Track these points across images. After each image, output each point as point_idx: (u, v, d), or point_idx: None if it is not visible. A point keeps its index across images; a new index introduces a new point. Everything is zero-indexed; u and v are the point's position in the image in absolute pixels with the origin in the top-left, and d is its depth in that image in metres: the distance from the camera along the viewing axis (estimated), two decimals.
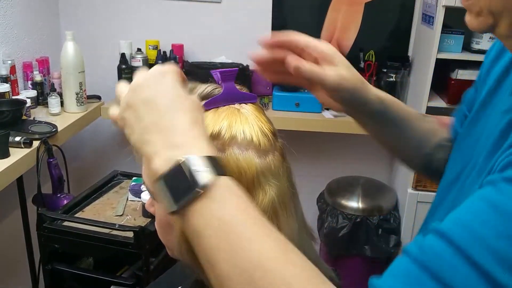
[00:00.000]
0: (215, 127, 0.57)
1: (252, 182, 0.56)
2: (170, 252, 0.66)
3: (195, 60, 2.17)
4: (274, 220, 0.57)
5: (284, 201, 0.59)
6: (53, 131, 1.65)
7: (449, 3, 1.68)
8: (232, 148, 0.56)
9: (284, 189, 0.59)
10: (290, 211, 0.60)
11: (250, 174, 0.56)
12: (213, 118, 0.58)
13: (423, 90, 1.84)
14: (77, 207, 1.57)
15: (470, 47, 1.85)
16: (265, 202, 0.57)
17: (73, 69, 1.85)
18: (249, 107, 0.61)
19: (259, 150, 0.57)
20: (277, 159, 0.59)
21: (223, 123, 0.57)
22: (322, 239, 2.09)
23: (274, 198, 0.57)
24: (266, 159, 0.58)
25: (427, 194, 1.95)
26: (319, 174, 2.31)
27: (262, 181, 0.57)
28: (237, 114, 0.59)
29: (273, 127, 0.61)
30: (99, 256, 1.52)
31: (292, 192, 0.62)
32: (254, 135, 0.57)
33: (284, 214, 0.59)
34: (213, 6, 2.13)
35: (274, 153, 0.59)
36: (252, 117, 0.59)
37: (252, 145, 0.57)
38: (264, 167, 0.57)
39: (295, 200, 0.63)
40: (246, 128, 0.58)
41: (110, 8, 2.15)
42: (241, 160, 0.56)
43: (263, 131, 0.59)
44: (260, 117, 0.60)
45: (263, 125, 0.59)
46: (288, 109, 2.04)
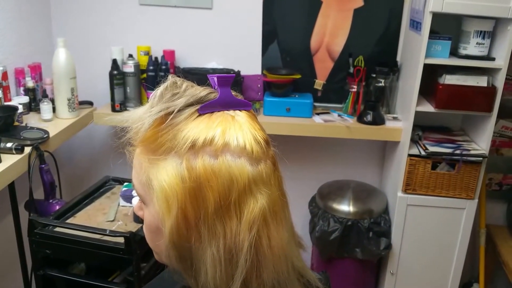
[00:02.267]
0: (208, 133, 0.57)
1: (243, 189, 0.57)
2: (157, 257, 0.67)
3: (186, 65, 2.19)
4: (264, 229, 0.58)
5: (274, 209, 0.59)
6: (44, 137, 1.66)
7: (436, 9, 1.71)
8: (225, 155, 0.57)
9: (275, 198, 0.60)
10: (280, 220, 0.60)
11: (241, 181, 0.56)
12: (207, 124, 0.58)
13: (411, 95, 1.87)
14: (69, 213, 1.58)
15: (458, 53, 1.87)
16: (256, 210, 0.57)
17: (64, 75, 1.86)
18: (244, 114, 0.61)
19: (252, 158, 0.58)
20: (269, 168, 0.60)
21: (217, 130, 0.57)
22: (314, 242, 2.10)
23: (265, 206, 0.58)
24: (258, 167, 0.58)
25: (417, 197, 1.97)
26: (310, 178, 2.33)
27: (254, 189, 0.57)
28: (231, 121, 0.59)
29: (266, 135, 0.62)
30: (90, 261, 1.52)
31: (283, 201, 0.62)
32: (247, 142, 0.58)
33: (275, 223, 0.59)
34: (204, 12, 2.15)
35: (266, 162, 0.60)
36: (246, 124, 0.60)
37: (245, 153, 0.57)
38: (256, 175, 0.58)
39: (286, 209, 0.63)
40: (240, 135, 0.58)
41: (102, 14, 2.17)
42: (233, 167, 0.56)
43: (256, 139, 0.59)
44: (254, 124, 0.61)
45: (256, 133, 0.60)
46: (279, 114, 2.06)
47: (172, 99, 0.60)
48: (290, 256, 0.62)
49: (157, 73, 2.02)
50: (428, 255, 2.06)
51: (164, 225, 0.58)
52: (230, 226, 0.57)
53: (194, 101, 0.60)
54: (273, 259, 0.59)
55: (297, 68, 2.14)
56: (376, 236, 2.01)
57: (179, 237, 0.58)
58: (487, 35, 1.80)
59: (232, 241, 0.57)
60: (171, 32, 2.17)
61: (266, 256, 0.58)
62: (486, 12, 1.72)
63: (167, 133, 0.58)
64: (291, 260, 0.62)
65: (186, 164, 0.57)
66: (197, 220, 0.57)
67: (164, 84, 0.62)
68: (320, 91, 2.21)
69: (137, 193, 0.65)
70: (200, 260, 0.58)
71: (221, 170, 0.56)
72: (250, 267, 0.58)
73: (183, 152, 0.57)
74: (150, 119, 0.60)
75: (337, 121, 2.03)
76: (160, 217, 0.59)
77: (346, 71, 2.14)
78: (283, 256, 0.60)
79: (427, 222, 2.01)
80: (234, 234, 0.57)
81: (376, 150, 2.33)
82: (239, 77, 2.10)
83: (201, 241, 0.57)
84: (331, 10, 2.10)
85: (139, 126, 0.61)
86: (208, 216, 0.57)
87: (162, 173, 0.58)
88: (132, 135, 0.63)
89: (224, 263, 0.57)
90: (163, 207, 0.58)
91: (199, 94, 0.61)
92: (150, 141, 0.60)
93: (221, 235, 0.57)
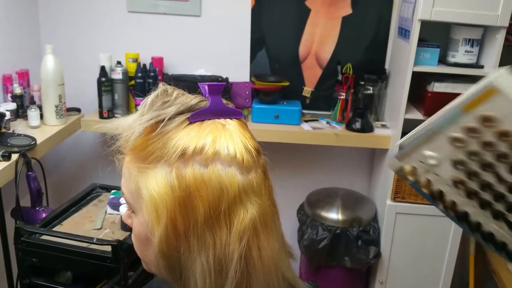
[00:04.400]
0: (199, 141, 0.57)
1: (233, 199, 0.56)
2: (146, 267, 0.65)
3: (175, 72, 2.18)
4: (255, 239, 0.57)
5: (265, 219, 0.59)
6: (32, 144, 1.64)
7: (425, 17, 1.73)
8: (215, 164, 0.56)
9: (265, 208, 0.59)
10: (271, 230, 0.60)
11: (232, 191, 0.56)
12: (198, 132, 0.58)
13: (400, 102, 1.88)
14: (55, 221, 1.56)
15: (446, 60, 1.89)
16: (246, 220, 0.56)
17: (52, 82, 1.84)
18: (234, 122, 0.61)
19: (242, 167, 0.57)
20: (259, 177, 0.59)
21: (208, 138, 0.57)
22: (303, 251, 2.09)
23: (255, 216, 0.57)
24: (248, 176, 0.58)
25: (406, 205, 1.98)
26: (298, 185, 2.33)
27: (244, 198, 0.57)
28: (222, 130, 0.59)
29: (257, 144, 0.61)
30: (77, 270, 1.50)
31: (273, 211, 0.62)
32: (238, 151, 0.57)
33: (265, 233, 0.59)
34: (193, 19, 2.15)
35: (257, 171, 0.59)
36: (237, 133, 0.59)
37: (235, 162, 0.57)
38: (246, 185, 0.57)
39: (276, 219, 0.62)
40: (230, 144, 0.57)
41: (90, 21, 2.16)
42: (224, 176, 0.56)
43: (247, 148, 0.59)
44: (244, 133, 0.60)
45: (247, 142, 0.59)
46: (267, 121, 2.06)
47: (162, 107, 0.60)
48: (280, 266, 0.61)
49: (145, 80, 2.01)
50: (417, 263, 2.06)
51: (153, 234, 0.58)
52: (220, 236, 0.56)
53: (185, 109, 0.59)
54: (263, 270, 0.58)
55: (285, 76, 2.14)
56: (365, 245, 2.01)
57: (168, 247, 0.57)
58: (476, 43, 1.82)
59: (222, 251, 0.56)
60: (159, 39, 2.17)
61: (256, 267, 0.58)
62: (475, 20, 1.74)
63: (157, 141, 0.58)
64: (282, 270, 0.62)
65: (176, 173, 0.56)
66: (186, 230, 0.56)
67: (155, 92, 0.62)
68: (308, 99, 2.22)
69: (126, 202, 0.64)
70: (190, 271, 0.58)
71: (211, 179, 0.56)
72: (240, 278, 0.57)
73: (173, 161, 0.56)
74: (140, 127, 0.59)
75: (326, 128, 2.03)
76: (149, 226, 0.58)
77: (334, 79, 2.15)
78: (273, 267, 0.59)
79: (416, 230, 2.02)
80: (224, 244, 0.56)
81: (365, 158, 2.34)
82: (227, 84, 2.10)
83: (191, 251, 0.57)
84: (319, 17, 2.11)
85: (129, 134, 0.61)
86: (198, 226, 0.56)
87: (151, 182, 0.57)
88: (122, 143, 0.62)
89: (214, 274, 0.56)
90: (152, 216, 0.57)
91: (190, 102, 0.60)
92: (140, 149, 0.59)
93: (210, 245, 0.56)
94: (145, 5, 2.12)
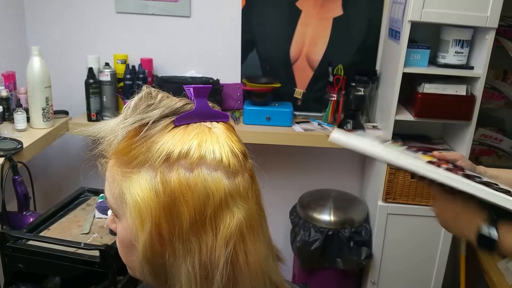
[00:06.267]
0: (184, 145, 0.55)
1: (219, 204, 0.55)
2: (131, 272, 0.65)
3: (164, 74, 2.16)
4: (241, 244, 0.56)
5: (252, 224, 0.58)
6: (18, 148, 1.61)
7: (415, 18, 1.73)
8: (200, 168, 0.55)
9: (252, 212, 0.58)
10: (257, 234, 0.59)
11: (218, 195, 0.55)
12: (183, 136, 0.56)
13: (390, 103, 1.87)
14: (42, 225, 1.53)
15: (436, 61, 1.89)
16: (233, 225, 0.56)
17: (39, 84, 1.81)
18: (221, 126, 0.60)
19: (228, 171, 0.56)
20: (246, 181, 0.58)
21: (193, 142, 0.56)
22: (296, 253, 2.08)
23: (242, 221, 0.56)
24: (235, 180, 0.57)
25: (397, 206, 1.98)
26: (291, 187, 2.32)
27: (230, 203, 0.56)
28: (208, 133, 0.58)
29: (244, 148, 0.60)
30: (65, 275, 1.47)
31: (261, 215, 0.61)
32: (224, 155, 0.56)
33: (252, 238, 0.58)
34: (183, 20, 2.13)
35: (244, 175, 0.58)
36: (223, 136, 0.58)
37: (221, 166, 0.56)
38: (233, 189, 0.56)
39: (263, 223, 0.62)
40: (216, 148, 0.56)
41: (78, 22, 2.13)
42: (209, 181, 0.55)
43: (234, 152, 0.58)
44: (231, 136, 0.59)
45: (233, 145, 0.58)
46: (259, 123, 2.04)
47: (146, 110, 0.58)
48: (267, 271, 0.60)
49: (134, 81, 1.99)
50: (409, 264, 2.06)
51: (138, 240, 0.56)
52: (205, 242, 0.55)
53: (170, 113, 0.58)
54: (250, 275, 0.57)
55: (276, 77, 2.13)
56: (357, 246, 2.01)
57: (153, 253, 0.56)
58: (466, 44, 1.82)
59: (207, 257, 0.55)
60: (148, 40, 2.15)
61: (243, 272, 0.57)
62: (465, 21, 1.74)
63: (141, 145, 0.56)
64: (269, 275, 0.61)
65: (160, 177, 0.55)
66: (171, 236, 0.55)
67: (138, 95, 0.61)
68: (300, 100, 2.21)
69: (109, 206, 0.63)
70: (175, 277, 0.57)
71: (196, 184, 0.54)
72: (226, 283, 0.56)
73: (157, 165, 0.55)
74: (124, 130, 0.58)
75: (317, 130, 2.02)
76: (133, 232, 0.57)
77: (325, 80, 2.14)
78: (260, 271, 0.59)
79: (408, 231, 2.02)
80: (210, 250, 0.55)
81: (357, 159, 2.34)
82: (218, 85, 2.08)
83: (176, 257, 0.56)
84: (310, 19, 2.10)
85: (111, 138, 0.59)
86: (183, 232, 0.55)
87: (135, 187, 0.56)
88: (104, 147, 0.61)
89: (200, 279, 0.55)
90: (136, 222, 0.56)
91: (175, 105, 0.59)
92: (123, 154, 0.58)
93: (196, 251, 0.55)
94: (134, 6, 2.10)
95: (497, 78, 2.17)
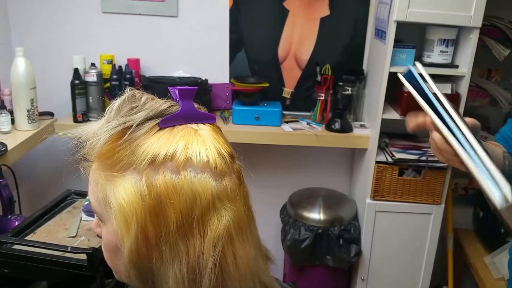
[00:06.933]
0: (170, 147, 0.55)
1: (207, 206, 0.54)
2: (117, 276, 0.64)
3: (152, 74, 2.15)
4: (229, 246, 0.56)
5: (240, 226, 0.57)
6: (2, 150, 1.59)
7: (400, 18, 1.74)
8: (187, 170, 0.54)
9: (240, 214, 0.58)
10: (246, 236, 0.59)
11: (205, 198, 0.54)
12: (169, 138, 0.56)
13: (377, 102, 1.88)
14: (28, 229, 1.50)
15: (422, 61, 1.90)
16: (220, 227, 0.55)
17: (24, 85, 1.79)
18: (207, 127, 0.59)
19: (215, 173, 0.56)
20: (233, 182, 0.58)
21: (179, 144, 0.55)
22: (286, 251, 2.09)
23: (229, 223, 0.56)
24: (222, 182, 0.56)
25: (385, 203, 1.99)
26: (280, 186, 2.32)
27: (218, 205, 0.55)
28: (194, 135, 0.57)
29: (231, 149, 0.60)
30: (52, 280, 1.45)
31: (249, 216, 0.60)
32: (211, 157, 0.56)
33: (240, 240, 0.57)
34: (170, 20, 2.11)
35: (231, 176, 0.58)
36: (209, 138, 0.58)
37: (208, 168, 0.55)
38: (220, 191, 0.56)
39: (252, 225, 0.61)
40: (203, 149, 0.56)
41: (63, 22, 2.10)
42: (196, 183, 0.54)
43: (220, 153, 0.57)
44: (218, 138, 0.59)
45: (220, 147, 0.58)
46: (248, 122, 2.04)
47: (130, 113, 0.58)
48: (256, 272, 0.60)
49: (121, 82, 1.97)
50: (397, 260, 2.08)
51: (123, 245, 0.56)
52: (193, 245, 0.54)
53: (154, 115, 0.57)
54: (239, 276, 0.57)
55: (265, 77, 2.13)
56: (347, 243, 2.02)
57: (139, 257, 0.55)
58: (451, 43, 1.84)
59: (195, 260, 0.54)
60: (135, 40, 2.13)
61: (231, 274, 0.56)
62: (449, 21, 1.75)
63: (125, 149, 0.56)
64: (258, 275, 0.61)
65: (145, 180, 0.54)
66: (158, 239, 0.54)
67: (122, 97, 0.60)
68: (288, 100, 2.21)
69: (93, 211, 0.62)
70: (162, 281, 0.56)
71: (183, 186, 0.54)
72: (215, 286, 0.56)
73: (142, 168, 0.54)
74: (106, 134, 0.57)
75: (306, 129, 2.03)
76: (118, 236, 0.56)
77: (313, 79, 2.15)
78: (249, 273, 0.58)
79: (396, 227, 2.03)
80: (198, 252, 0.54)
81: (345, 158, 2.35)
82: (207, 85, 2.07)
83: (163, 261, 0.55)
84: (298, 19, 2.10)
85: (94, 141, 0.58)
86: (170, 235, 0.54)
87: (120, 191, 0.55)
88: (87, 151, 0.60)
89: (188, 283, 0.55)
90: (121, 226, 0.55)
91: (160, 108, 0.58)
92: (106, 157, 0.57)
93: (183, 254, 0.54)
94: (120, 5, 2.08)
95: (482, 76, 2.20)
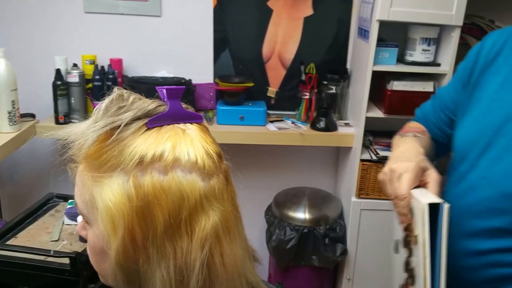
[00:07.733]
0: (158, 148, 0.54)
1: (194, 206, 0.54)
2: (103, 280, 0.63)
3: (135, 74, 2.13)
4: (217, 246, 0.56)
5: (227, 225, 0.57)
6: None
7: (383, 17, 1.75)
8: (175, 170, 0.54)
9: (227, 214, 0.58)
10: (233, 236, 0.58)
11: (193, 198, 0.54)
12: (156, 138, 0.55)
13: (361, 101, 1.90)
14: (9, 233, 1.47)
15: (404, 59, 1.92)
16: (208, 227, 0.55)
17: (4, 87, 1.75)
18: (195, 127, 0.59)
19: (203, 173, 0.55)
20: (221, 182, 0.58)
21: (167, 144, 0.55)
22: (271, 252, 2.08)
23: (217, 223, 0.56)
24: (210, 182, 0.56)
25: (370, 201, 2.00)
26: (265, 186, 2.32)
27: (205, 205, 0.55)
28: (182, 135, 0.57)
29: (218, 149, 0.60)
30: (34, 285, 1.42)
31: (236, 216, 0.60)
32: (199, 157, 0.56)
33: (227, 239, 0.57)
34: (153, 19, 2.10)
35: (219, 176, 0.57)
36: (197, 138, 0.57)
37: (196, 168, 0.55)
38: (208, 191, 0.55)
39: (239, 225, 0.61)
40: (191, 149, 0.56)
41: (45, 22, 2.07)
42: (184, 183, 0.54)
43: (208, 153, 0.57)
44: (206, 138, 0.59)
45: (208, 147, 0.57)
46: (232, 122, 2.03)
47: (118, 113, 0.57)
48: (243, 272, 0.60)
49: (103, 82, 1.95)
50: (383, 258, 2.09)
51: (110, 247, 0.55)
52: (180, 246, 0.54)
53: (142, 115, 0.57)
54: (227, 277, 0.57)
55: (249, 76, 2.13)
56: (332, 242, 2.02)
57: (126, 259, 0.55)
58: (432, 42, 1.86)
59: (183, 261, 0.54)
60: (118, 40, 2.11)
61: (219, 275, 0.56)
62: (431, 19, 1.78)
63: (113, 149, 0.55)
64: (245, 276, 0.61)
65: (133, 181, 0.53)
66: (145, 241, 0.54)
67: (109, 97, 0.59)
68: (273, 99, 2.21)
69: (80, 213, 0.61)
70: (149, 283, 0.55)
71: (171, 187, 0.53)
72: (202, 286, 0.55)
73: (130, 169, 0.54)
74: (94, 134, 0.56)
75: (291, 128, 2.03)
76: (105, 238, 0.55)
77: (298, 79, 2.15)
78: (237, 273, 0.58)
79: (381, 225, 2.04)
80: (185, 253, 0.54)
81: (330, 156, 2.36)
82: (191, 85, 2.06)
83: (150, 263, 0.54)
84: (281, 18, 2.10)
85: (81, 142, 0.58)
86: (157, 236, 0.54)
87: (107, 192, 0.54)
88: (74, 152, 0.59)
89: (175, 284, 0.55)
90: (108, 228, 0.54)
91: (148, 107, 0.58)
92: (93, 158, 0.56)
93: (171, 255, 0.54)
94: (103, 5, 2.06)
95: None
